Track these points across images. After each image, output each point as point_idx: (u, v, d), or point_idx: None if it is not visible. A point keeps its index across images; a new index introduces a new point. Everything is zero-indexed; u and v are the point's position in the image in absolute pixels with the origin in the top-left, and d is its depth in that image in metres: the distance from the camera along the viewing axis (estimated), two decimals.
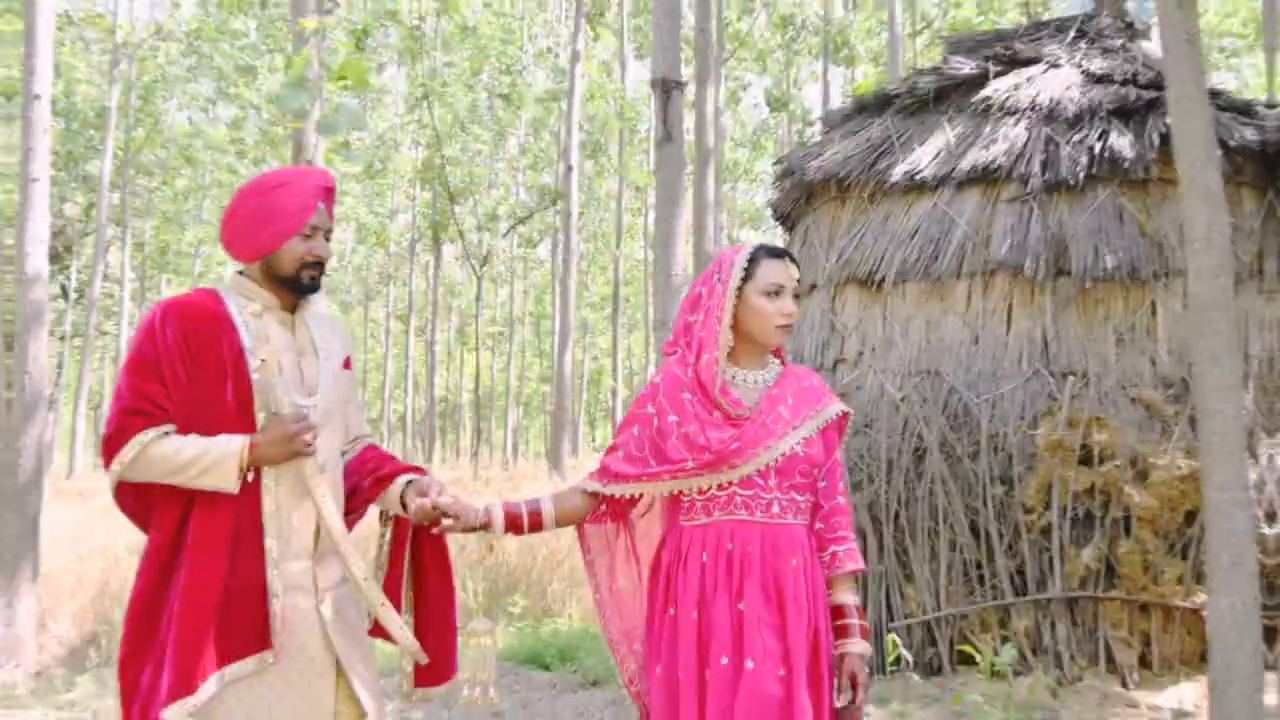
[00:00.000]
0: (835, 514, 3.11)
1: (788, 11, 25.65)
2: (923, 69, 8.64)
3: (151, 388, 2.80)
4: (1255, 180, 7.46)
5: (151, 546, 2.83)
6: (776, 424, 2.98)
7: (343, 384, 3.10)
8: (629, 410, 3.16)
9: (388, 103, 31.77)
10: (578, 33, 18.01)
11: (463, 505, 2.96)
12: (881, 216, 7.73)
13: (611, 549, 3.25)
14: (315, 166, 3.20)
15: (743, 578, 2.92)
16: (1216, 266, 5.36)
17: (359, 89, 8.24)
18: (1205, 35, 25.76)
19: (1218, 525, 5.27)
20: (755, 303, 2.98)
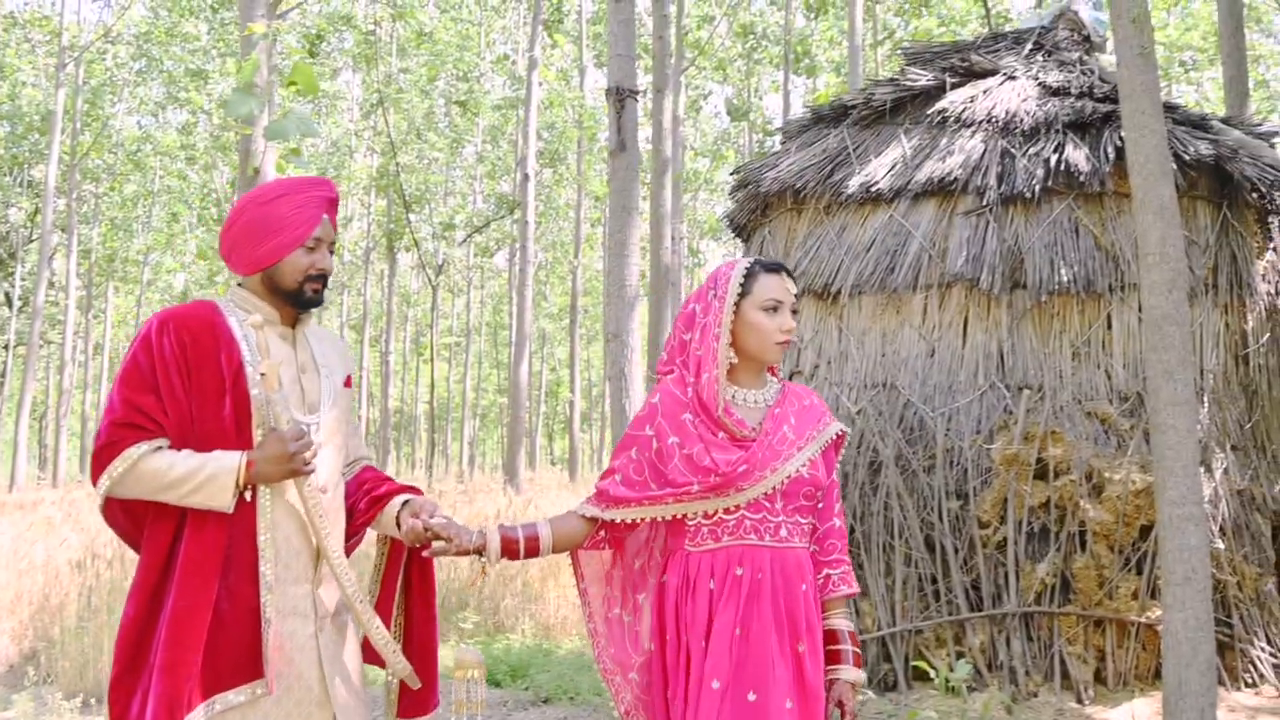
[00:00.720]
0: (830, 536, 3.05)
1: (748, 20, 25.67)
2: (880, 80, 8.60)
3: (145, 400, 2.70)
4: (1210, 194, 7.47)
5: (142, 567, 2.72)
6: (782, 445, 2.90)
7: (343, 402, 3.01)
8: (625, 433, 3.06)
9: (342, 109, 31.55)
10: (534, 40, 17.92)
11: (456, 528, 2.86)
12: (838, 228, 7.69)
13: (608, 577, 3.15)
14: (318, 177, 3.05)
15: (752, 605, 2.84)
16: (1170, 280, 5.34)
17: (308, 95, 8.11)
18: (1166, 49, 26.01)
19: (1171, 540, 5.25)
20: (753, 319, 2.90)
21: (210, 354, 2.74)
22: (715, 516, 2.88)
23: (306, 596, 2.80)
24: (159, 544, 2.69)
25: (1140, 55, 5.60)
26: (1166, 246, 5.40)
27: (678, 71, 18.52)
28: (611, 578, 3.14)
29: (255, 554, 2.71)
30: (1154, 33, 17.83)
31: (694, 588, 2.87)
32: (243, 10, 8.38)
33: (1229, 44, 10.30)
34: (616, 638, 3.11)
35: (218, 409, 2.73)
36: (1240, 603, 6.78)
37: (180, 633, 2.61)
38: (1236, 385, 7.35)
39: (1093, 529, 6.60)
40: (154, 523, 2.72)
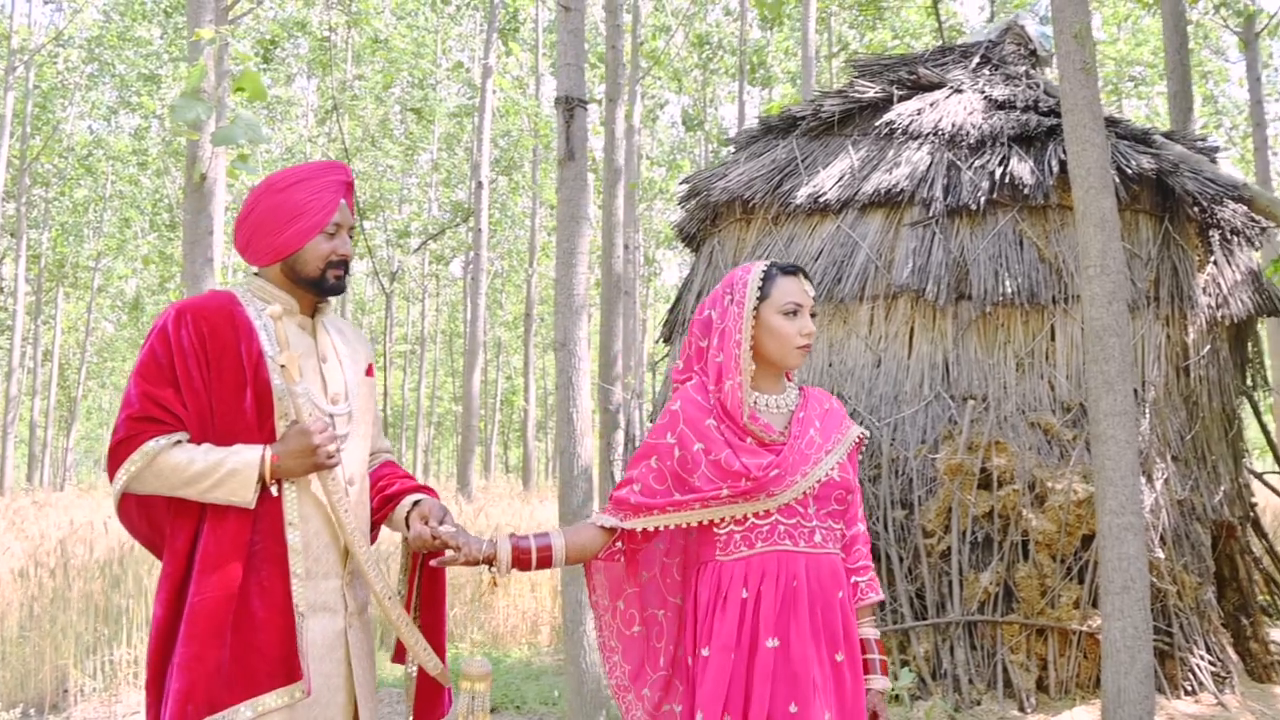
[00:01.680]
0: (856, 542, 2.99)
1: (704, 31, 25.73)
2: (828, 92, 8.66)
3: (164, 393, 2.61)
4: (1152, 208, 7.57)
5: (166, 566, 2.65)
6: (810, 449, 2.83)
7: (366, 392, 2.93)
8: (643, 442, 2.95)
9: (297, 115, 31.34)
10: (489, 48, 17.89)
11: (466, 537, 2.77)
12: (786, 238, 7.72)
13: (623, 591, 3.04)
14: (333, 160, 2.98)
15: (789, 613, 2.76)
16: (1111, 292, 5.41)
17: (255, 101, 8.07)
18: (1116, 64, 26.30)
19: (1110, 549, 5.31)
20: (773, 323, 2.83)
21: (230, 345, 2.67)
22: (747, 522, 2.80)
23: (336, 592, 2.74)
24: (181, 542, 2.62)
25: (1082, 70, 5.67)
26: (1107, 259, 5.46)
27: (633, 81, 18.53)
28: (625, 591, 3.04)
29: (284, 549, 2.64)
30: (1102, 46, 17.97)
31: (726, 598, 2.79)
32: (190, 15, 8.30)
33: (1173, 60, 10.45)
34: (633, 654, 3.02)
35: (238, 401, 2.66)
36: (1180, 611, 6.85)
37: (198, 628, 2.53)
38: (1178, 396, 7.44)
39: (1035, 538, 6.66)
40: (174, 520, 2.64)
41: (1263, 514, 10.33)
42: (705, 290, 8.22)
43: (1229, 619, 7.66)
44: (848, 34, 24.77)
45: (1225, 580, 7.78)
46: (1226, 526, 7.60)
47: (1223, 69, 28.31)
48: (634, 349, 20.54)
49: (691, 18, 25.12)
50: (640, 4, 18.67)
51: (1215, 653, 7.01)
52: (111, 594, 8.54)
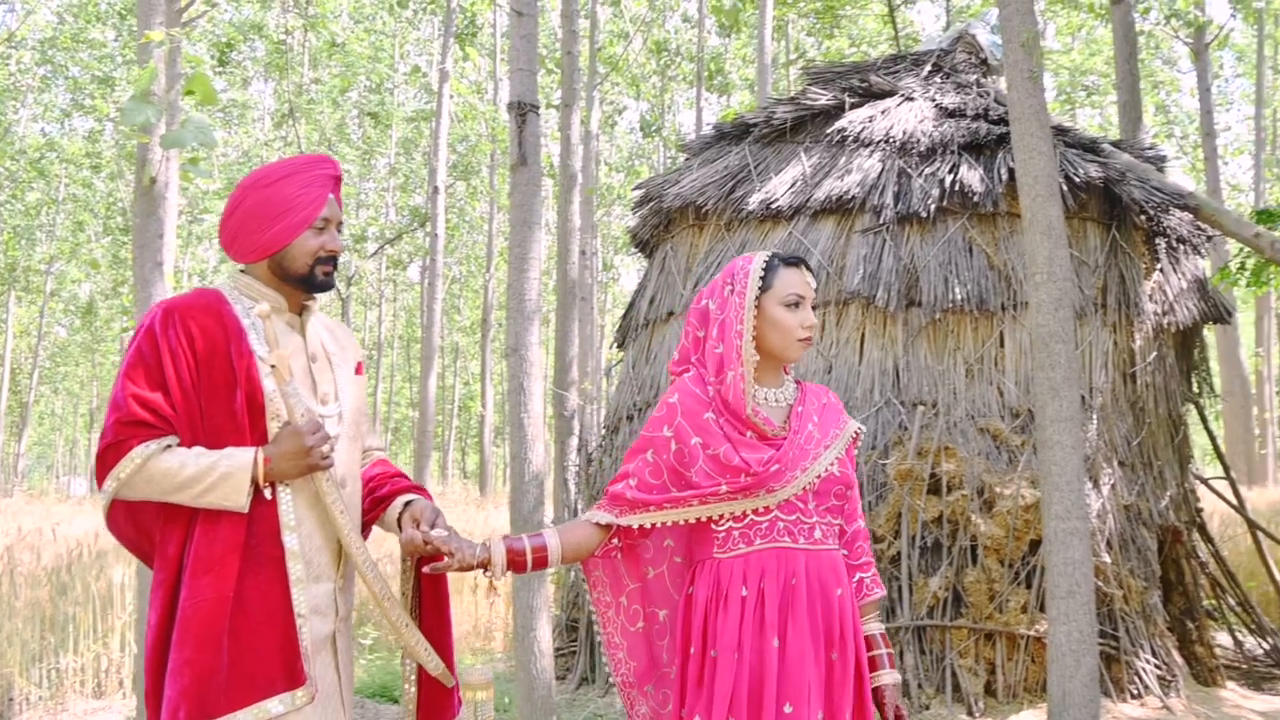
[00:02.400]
0: (858, 538, 2.96)
1: (662, 38, 25.78)
2: (781, 99, 8.70)
3: (153, 396, 2.54)
4: (1100, 216, 7.64)
5: (158, 572, 2.58)
6: (809, 443, 2.80)
7: (356, 391, 2.87)
8: (639, 436, 2.88)
9: (254, 119, 31.13)
10: (446, 53, 17.84)
11: (459, 541, 2.70)
12: (738, 244, 7.74)
13: (623, 587, 2.97)
14: (321, 154, 2.91)
15: (788, 611, 2.71)
16: (1057, 299, 5.46)
17: (206, 104, 8.01)
18: (1070, 73, 26.55)
19: (1056, 554, 5.36)
20: (775, 315, 2.79)
21: (219, 345, 2.60)
22: (746, 519, 2.74)
23: (329, 595, 2.69)
24: (173, 548, 2.56)
25: (1030, 79, 5.72)
26: (1054, 266, 5.52)
27: (591, 87, 18.54)
28: (626, 588, 2.97)
29: (282, 551, 2.59)
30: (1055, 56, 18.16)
31: (726, 597, 2.73)
32: (141, 17, 8.22)
33: (1123, 70, 10.57)
34: (639, 652, 2.96)
35: (229, 403, 2.59)
36: (1126, 615, 6.92)
37: (191, 632, 2.48)
38: (1125, 402, 7.52)
39: (984, 543, 6.71)
40: (164, 526, 2.58)
41: (1209, 519, 10.44)
42: (658, 296, 8.23)
43: (1175, 623, 7.75)
44: (806, 42, 24.88)
45: (1171, 585, 7.86)
46: (1172, 531, 7.69)
47: (1174, 79, 28.66)
48: (592, 354, 20.53)
49: (650, 24, 25.16)
50: (598, 10, 18.69)
51: (1161, 656, 7.08)
52: (59, 601, 8.44)
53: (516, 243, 7.02)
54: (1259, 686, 7.98)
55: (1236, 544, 10.85)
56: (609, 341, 30.84)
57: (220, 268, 33.77)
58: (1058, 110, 27.15)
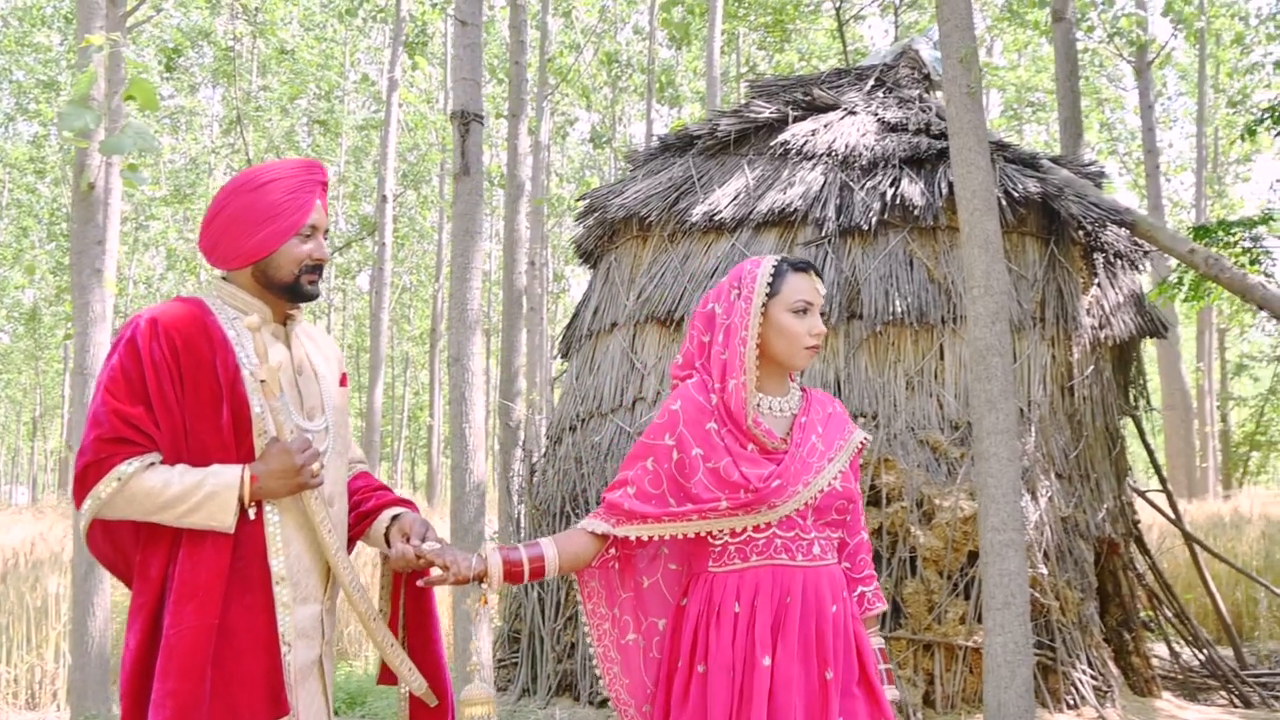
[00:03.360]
0: (860, 551, 2.90)
1: (613, 49, 25.82)
2: (725, 111, 8.73)
3: (135, 411, 2.44)
4: (1039, 231, 7.72)
5: (137, 595, 2.48)
6: (812, 456, 2.73)
7: (342, 404, 2.77)
8: (639, 441, 2.82)
9: (201, 125, 30.87)
10: (395, 61, 17.79)
11: (453, 554, 2.62)
12: (682, 256, 7.75)
13: (617, 599, 2.89)
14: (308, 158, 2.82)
15: (780, 630, 2.65)
16: (994, 312, 5.51)
17: (147, 109, 7.94)
18: (1017, 89, 26.84)
19: (992, 565, 5.40)
20: (782, 321, 2.72)
21: (204, 359, 2.50)
22: (744, 534, 2.69)
23: (316, 618, 2.61)
24: (155, 569, 2.47)
25: (968, 94, 5.78)
26: (991, 279, 5.57)
27: (541, 97, 18.55)
28: (620, 598, 2.89)
29: (268, 574, 2.50)
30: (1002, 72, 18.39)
31: (718, 613, 2.68)
32: (81, 21, 8.16)
33: (1064, 86, 10.71)
34: (632, 666, 2.88)
35: (215, 419, 2.49)
36: (1063, 626, 6.98)
37: (175, 662, 2.38)
38: (1062, 415, 7.60)
39: (923, 555, 6.75)
40: (145, 547, 2.49)
41: (1150, 532, 10.58)
42: (602, 307, 8.23)
43: (1111, 634, 7.83)
44: (757, 55, 25.01)
45: (1109, 596, 7.95)
46: (1109, 543, 7.77)
47: (1119, 97, 29.07)
48: (541, 365, 20.51)
49: (601, 36, 25.21)
50: (549, 21, 18.70)
51: (1097, 667, 7.15)
52: None
53: (459, 252, 7.01)
54: (1194, 697, 8.08)
55: (1175, 556, 10.99)
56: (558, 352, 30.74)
57: (167, 275, 33.41)
58: (1004, 126, 27.47)
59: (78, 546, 6.69)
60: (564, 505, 7.67)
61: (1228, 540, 11.99)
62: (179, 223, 30.73)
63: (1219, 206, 28.10)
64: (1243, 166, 31.00)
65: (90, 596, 6.68)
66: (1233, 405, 28.73)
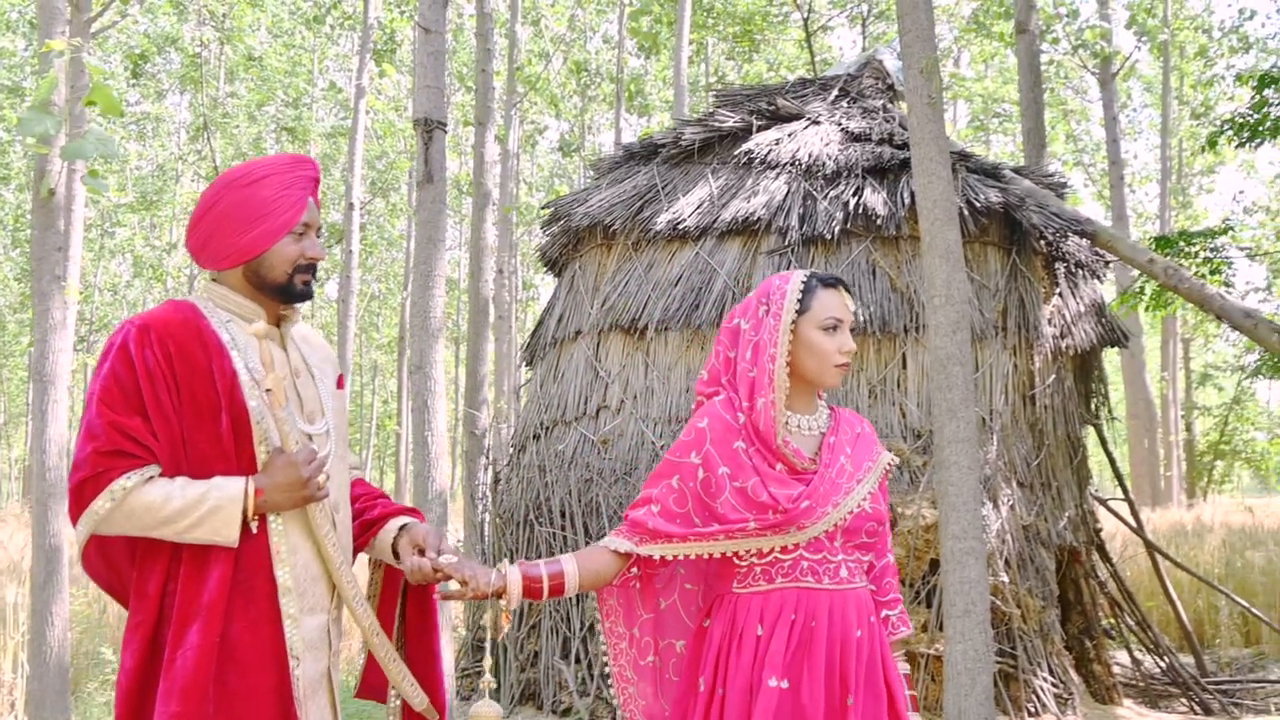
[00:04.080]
0: (886, 573, 2.84)
1: (582, 58, 25.84)
2: (689, 120, 8.75)
3: (132, 422, 2.33)
4: (1001, 241, 7.77)
5: (135, 612, 2.38)
6: (841, 477, 2.67)
7: (341, 408, 2.68)
8: (664, 458, 2.75)
9: (168, 132, 30.68)
10: (362, 69, 17.73)
11: (473, 567, 2.53)
12: (646, 264, 7.76)
13: (636, 619, 2.82)
14: (300, 155, 2.71)
15: (803, 654, 2.58)
16: (955, 322, 5.53)
17: (108, 115, 7.91)
18: (984, 100, 27.02)
19: (953, 574, 5.41)
20: (811, 339, 2.65)
21: (200, 364, 2.40)
22: (770, 556, 2.63)
23: (323, 629, 2.52)
24: (153, 586, 2.37)
25: (929, 104, 5.80)
26: (952, 289, 5.59)
27: (509, 105, 18.54)
28: (640, 618, 2.83)
29: (274, 587, 2.41)
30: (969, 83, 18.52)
31: (741, 635, 2.62)
32: (42, 26, 8.08)
33: (1027, 98, 10.78)
34: (649, 688, 2.82)
35: (214, 428, 2.39)
36: (1024, 634, 7.01)
37: (181, 684, 2.29)
38: (1024, 424, 7.64)
39: None
40: (143, 562, 2.40)
41: (1113, 540, 10.64)
42: (566, 315, 8.22)
43: (1073, 641, 7.87)
44: (726, 65, 25.08)
45: (1070, 604, 7.99)
46: (1071, 551, 7.81)
47: (1084, 108, 29.30)
48: (510, 373, 20.46)
49: (571, 44, 25.23)
50: (518, 29, 18.68)
51: (1058, 675, 7.18)
52: None
53: (422, 260, 6.99)
54: (1155, 704, 8.12)
55: (1138, 564, 11.06)
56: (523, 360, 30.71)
57: (134, 282, 33.16)
58: (970, 136, 27.65)
59: (37, 556, 6.61)
60: (527, 514, 7.65)
61: (1190, 549, 12.08)
62: (145, 229, 30.55)
63: (1183, 217, 28.37)
64: (1207, 178, 31.32)
65: (49, 606, 6.60)
66: (1197, 415, 28.98)
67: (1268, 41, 25.11)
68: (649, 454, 7.23)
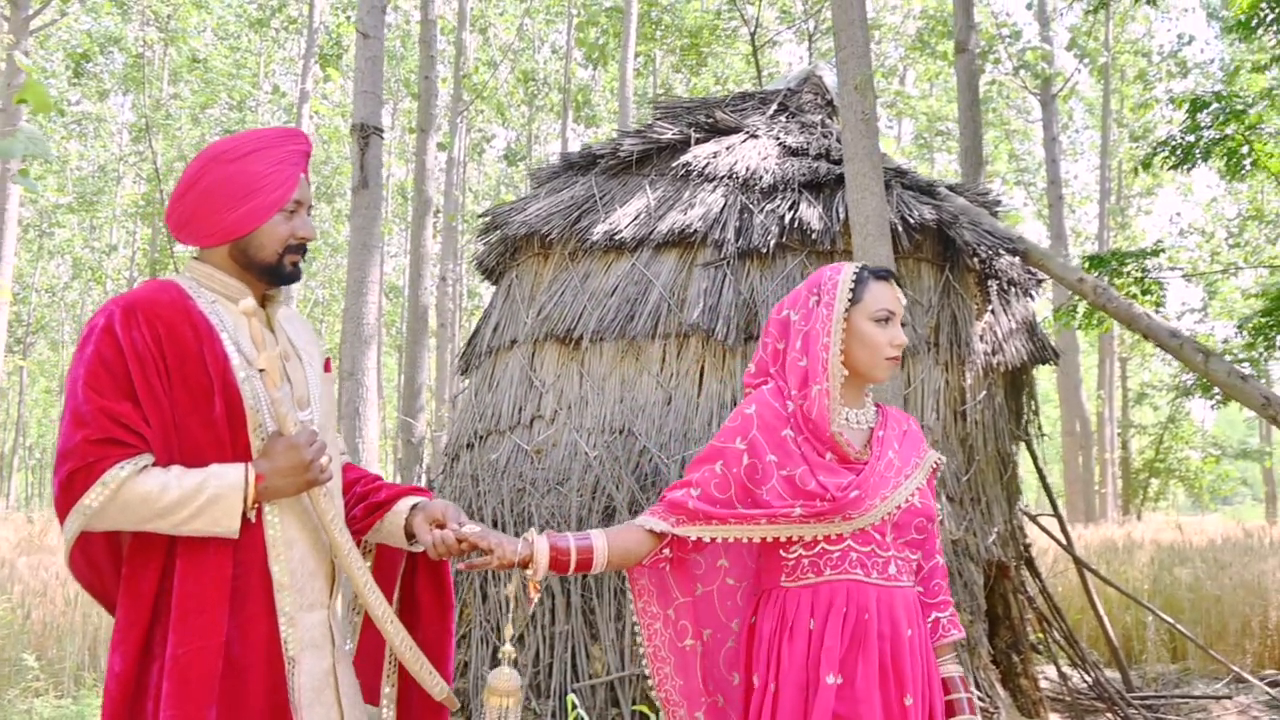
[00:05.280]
0: (935, 575, 2.81)
1: (530, 68, 25.85)
2: (628, 131, 8.76)
3: (122, 408, 2.19)
4: (934, 256, 7.83)
5: (125, 611, 2.24)
6: (890, 471, 2.64)
7: (329, 391, 2.60)
8: (709, 444, 2.72)
9: (110, 132, 30.34)
10: (306, 73, 17.63)
11: (496, 536, 2.48)
12: (582, 274, 7.75)
13: (672, 600, 2.77)
14: (291, 128, 2.61)
15: (858, 648, 2.54)
16: None
17: (40, 113, 7.80)
18: (928, 119, 27.30)
19: None
20: (864, 330, 2.64)
21: (191, 347, 2.27)
22: (817, 546, 2.59)
23: (323, 624, 2.42)
24: (147, 582, 2.25)
25: (863, 121, 5.86)
26: None
27: (455, 113, 18.50)
28: (675, 600, 2.78)
29: (269, 581, 2.30)
30: (913, 101, 18.72)
31: (792, 629, 2.58)
32: None
33: (965, 116, 10.91)
34: (687, 670, 2.76)
35: (207, 413, 2.27)
36: None
37: (185, 687, 2.17)
38: (955, 440, 7.70)
39: None
40: (136, 556, 2.27)
41: (1044, 555, 10.77)
42: (502, 323, 8.20)
43: (1000, 656, 7.93)
44: (674, 78, 25.19)
45: (998, 618, 8.05)
46: (1000, 566, 7.88)
47: (1027, 129, 29.69)
48: (451, 381, 20.40)
49: (519, 54, 25.21)
50: (466, 37, 18.66)
51: (985, 689, 7.23)
52: None
53: (356, 266, 6.95)
54: (1081, 718, 8.22)
55: (1068, 579, 11.19)
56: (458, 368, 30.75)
57: (72, 284, 32.70)
58: (914, 154, 27.93)
59: None
60: None
61: (1120, 565, 12.24)
62: (85, 231, 30.16)
63: (1121, 238, 28.81)
64: (1146, 200, 31.84)
65: None
66: (1134, 433, 29.40)
67: (1207, 66, 25.57)
68: (581, 464, 7.22)
